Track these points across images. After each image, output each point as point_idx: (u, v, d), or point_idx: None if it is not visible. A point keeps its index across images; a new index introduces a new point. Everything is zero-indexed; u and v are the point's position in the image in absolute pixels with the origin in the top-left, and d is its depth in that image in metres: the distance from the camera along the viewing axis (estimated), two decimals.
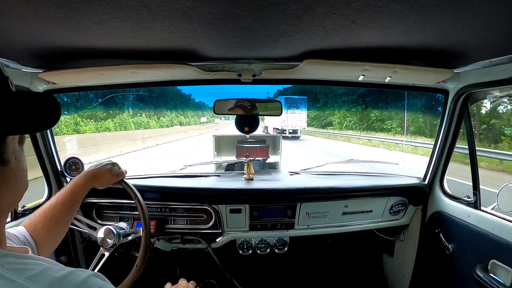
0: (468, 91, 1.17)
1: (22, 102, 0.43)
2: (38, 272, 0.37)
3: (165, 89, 27.70)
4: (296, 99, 16.82)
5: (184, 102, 37.07)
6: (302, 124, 16.74)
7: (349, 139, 16.19)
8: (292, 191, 1.37)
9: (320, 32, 0.79)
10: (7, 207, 0.44)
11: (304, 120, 16.86)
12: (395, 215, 1.49)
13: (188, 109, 36.95)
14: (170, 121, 27.62)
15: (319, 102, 25.54)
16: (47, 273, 0.37)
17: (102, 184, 0.90)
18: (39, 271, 0.37)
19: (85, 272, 0.40)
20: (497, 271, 1.02)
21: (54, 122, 0.48)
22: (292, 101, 16.43)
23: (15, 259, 0.38)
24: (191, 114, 35.09)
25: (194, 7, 0.63)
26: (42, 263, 0.40)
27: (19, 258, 0.39)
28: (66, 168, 1.35)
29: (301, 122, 16.56)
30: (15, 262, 0.37)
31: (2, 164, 0.40)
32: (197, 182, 1.47)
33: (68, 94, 1.29)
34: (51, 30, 0.74)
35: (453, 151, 1.35)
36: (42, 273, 0.37)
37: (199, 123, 32.62)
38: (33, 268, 0.37)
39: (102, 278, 0.43)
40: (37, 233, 0.69)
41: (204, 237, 1.35)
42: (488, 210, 1.15)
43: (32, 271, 0.36)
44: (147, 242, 0.96)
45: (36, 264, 0.39)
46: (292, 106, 16.20)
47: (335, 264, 1.85)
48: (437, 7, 0.61)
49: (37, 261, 0.40)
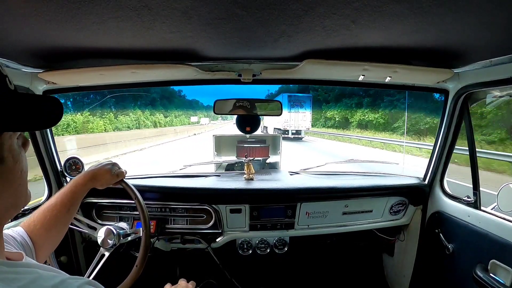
0: (468, 91, 1.17)
1: (20, 100, 0.42)
2: (29, 281, 0.36)
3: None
4: (300, 97, 15.39)
5: (167, 97, 32.14)
6: (306, 124, 15.42)
7: (358, 141, 14.33)
8: (292, 191, 1.37)
9: (320, 32, 0.79)
10: (5, 210, 0.42)
11: (308, 120, 15.49)
12: (395, 215, 1.49)
13: (175, 107, 33.41)
14: (136, 121, 21.73)
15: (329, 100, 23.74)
16: (37, 282, 0.36)
17: (102, 184, 0.90)
18: (30, 280, 0.36)
19: (78, 280, 0.40)
20: (497, 271, 1.02)
21: (52, 122, 0.47)
22: (296, 99, 15.12)
23: (7, 268, 0.37)
24: (177, 113, 31.11)
25: (194, 7, 0.63)
26: (36, 270, 0.39)
27: (11, 267, 0.38)
28: (66, 168, 1.35)
29: (305, 122, 15.25)
30: (6, 271, 0.37)
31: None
32: (197, 182, 1.47)
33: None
34: (51, 30, 0.74)
35: (453, 151, 1.35)
36: (32, 282, 0.36)
37: (187, 124, 28.93)
38: (24, 278, 0.36)
39: (97, 286, 0.42)
40: (35, 233, 0.68)
41: (204, 237, 1.35)
42: (488, 210, 1.15)
43: (23, 280, 0.36)
44: (147, 242, 0.96)
45: (28, 272, 0.38)
46: (295, 105, 14.95)
47: (335, 264, 1.85)
48: (437, 7, 0.61)
49: (29, 269, 0.39)
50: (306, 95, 15.87)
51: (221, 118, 23.88)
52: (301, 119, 15.09)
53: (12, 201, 0.43)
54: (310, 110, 15.59)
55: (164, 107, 29.92)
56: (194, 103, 37.91)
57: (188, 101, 37.96)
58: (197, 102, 37.95)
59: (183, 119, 31.44)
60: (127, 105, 21.54)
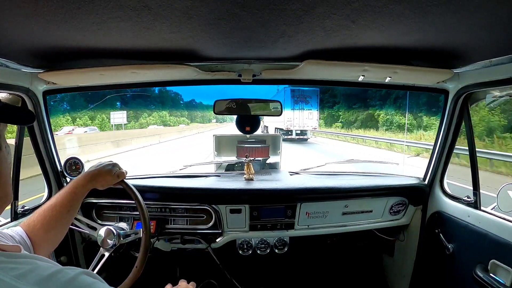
0: (468, 91, 1.17)
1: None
2: (27, 270, 0.37)
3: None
4: (306, 91, 12.90)
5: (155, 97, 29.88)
6: (313, 123, 13.20)
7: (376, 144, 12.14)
8: (292, 191, 1.37)
9: (320, 32, 0.79)
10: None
11: (315, 118, 13.21)
12: (395, 215, 1.49)
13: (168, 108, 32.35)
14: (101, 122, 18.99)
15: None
16: (35, 271, 0.37)
17: (102, 185, 0.89)
18: (28, 269, 0.37)
19: (74, 270, 0.40)
20: (497, 271, 1.02)
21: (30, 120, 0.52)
22: (300, 94, 12.81)
23: (5, 259, 0.38)
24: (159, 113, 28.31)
25: (194, 7, 0.63)
26: (33, 261, 0.40)
27: (10, 258, 0.39)
28: (66, 168, 1.35)
29: (311, 120, 13.05)
30: (5, 261, 0.37)
31: None
32: (197, 182, 1.47)
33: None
34: (51, 30, 0.74)
35: (453, 151, 1.35)
36: (30, 271, 0.37)
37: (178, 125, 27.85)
38: (22, 267, 0.37)
39: (93, 276, 0.43)
40: (35, 233, 0.68)
41: (204, 237, 1.35)
42: (488, 210, 1.15)
43: (21, 269, 0.37)
44: (147, 243, 0.96)
45: (26, 263, 0.39)
46: (300, 101, 12.80)
47: (335, 264, 1.84)
48: (437, 7, 0.61)
49: (28, 260, 0.40)
50: (312, 88, 13.05)
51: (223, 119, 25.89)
52: (306, 117, 13.10)
53: (3, 190, 0.44)
54: (317, 108, 13.42)
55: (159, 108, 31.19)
56: (192, 105, 38.14)
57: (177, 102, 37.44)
58: (192, 102, 37.97)
59: (172, 119, 32.11)
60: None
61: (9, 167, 0.46)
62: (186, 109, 31.95)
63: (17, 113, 0.52)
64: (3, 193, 0.44)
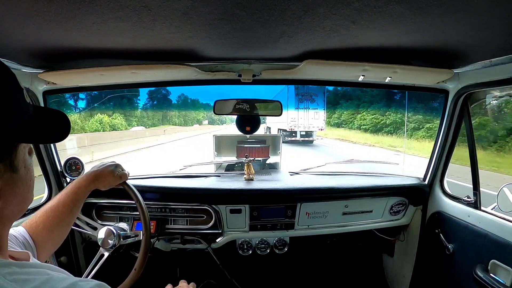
0: (468, 91, 1.17)
1: (37, 114, 0.44)
2: (41, 282, 0.36)
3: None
4: (311, 89, 11.98)
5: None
6: (319, 124, 12.34)
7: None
8: (292, 191, 1.37)
9: (320, 33, 0.79)
10: (12, 215, 0.44)
11: (321, 118, 12.36)
12: (395, 215, 1.49)
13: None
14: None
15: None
16: (49, 283, 0.37)
17: (105, 185, 0.89)
18: (42, 281, 0.37)
19: (89, 282, 0.40)
20: (497, 271, 1.02)
21: (62, 137, 0.49)
22: (305, 92, 11.94)
23: (18, 269, 0.38)
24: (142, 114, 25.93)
25: (194, 8, 0.63)
26: (45, 271, 0.40)
27: (22, 268, 0.39)
28: (66, 168, 1.35)
29: (317, 121, 12.19)
30: (18, 272, 0.37)
31: (12, 171, 0.40)
32: (197, 182, 1.47)
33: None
34: (51, 30, 0.74)
35: (453, 151, 1.35)
36: (44, 283, 0.36)
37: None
38: (35, 279, 0.37)
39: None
40: (37, 234, 0.68)
41: (204, 237, 1.35)
42: (488, 210, 1.15)
43: (35, 281, 0.36)
44: (147, 245, 0.96)
45: (39, 273, 0.39)
46: (305, 99, 11.95)
47: (335, 264, 1.84)
48: (437, 7, 0.61)
49: (40, 270, 0.40)
50: (318, 86, 11.31)
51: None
52: (312, 117, 12.23)
53: (20, 207, 0.45)
54: (323, 107, 12.54)
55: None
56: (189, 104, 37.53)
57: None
58: (188, 100, 37.16)
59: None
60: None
61: (28, 188, 0.45)
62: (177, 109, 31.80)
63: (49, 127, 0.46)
64: (17, 210, 0.44)
